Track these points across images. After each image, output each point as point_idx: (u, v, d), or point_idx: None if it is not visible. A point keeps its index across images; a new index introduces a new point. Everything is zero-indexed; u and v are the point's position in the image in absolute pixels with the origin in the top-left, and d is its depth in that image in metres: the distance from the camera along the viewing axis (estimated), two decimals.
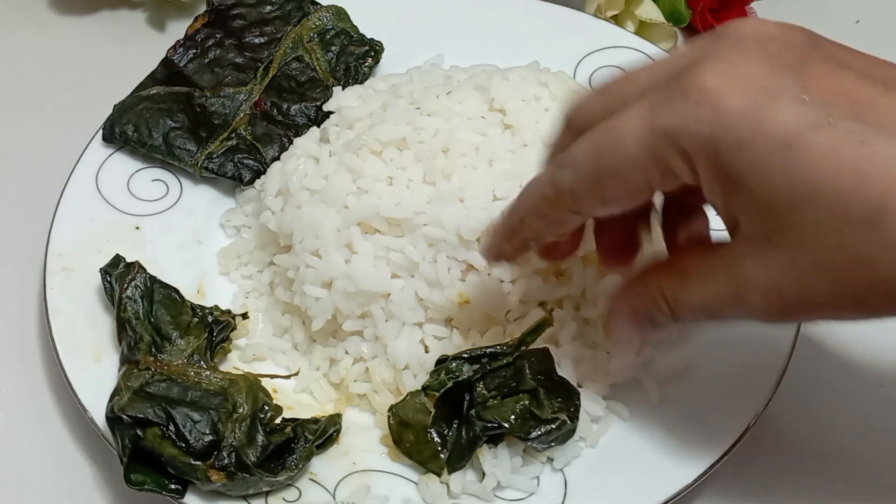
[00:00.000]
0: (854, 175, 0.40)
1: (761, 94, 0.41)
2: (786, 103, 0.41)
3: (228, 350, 0.62)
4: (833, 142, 0.40)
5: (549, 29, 0.76)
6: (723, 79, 0.42)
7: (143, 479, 0.55)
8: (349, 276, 0.59)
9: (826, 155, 0.40)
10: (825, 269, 0.42)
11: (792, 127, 0.41)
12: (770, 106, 0.41)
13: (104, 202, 0.67)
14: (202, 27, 0.74)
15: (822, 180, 0.40)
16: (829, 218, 0.41)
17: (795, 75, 0.42)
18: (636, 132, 0.44)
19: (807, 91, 0.41)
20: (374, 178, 0.61)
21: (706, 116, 0.42)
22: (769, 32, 0.43)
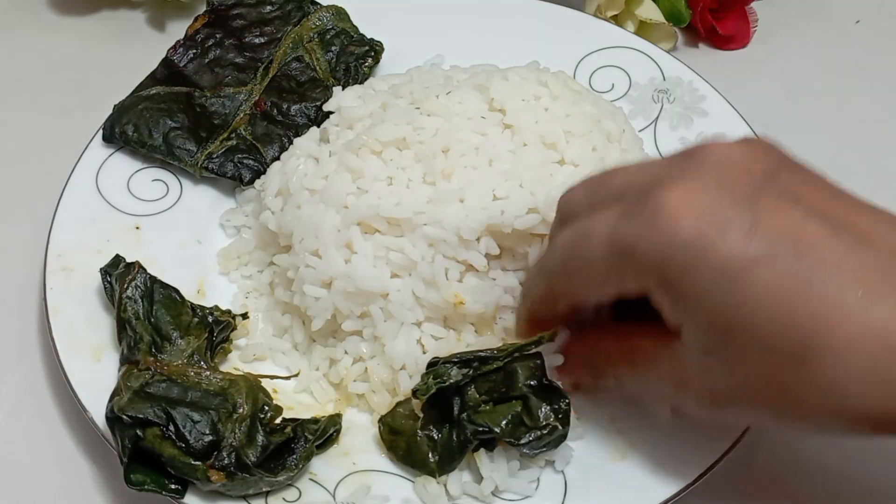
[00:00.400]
0: (787, 313, 0.43)
1: (711, 223, 0.44)
2: (733, 236, 0.44)
3: (229, 350, 0.62)
4: (773, 279, 0.43)
5: (549, 29, 0.76)
6: (679, 204, 0.45)
7: (143, 479, 0.55)
8: (349, 276, 0.59)
9: (764, 290, 0.43)
10: (753, 387, 0.46)
11: (736, 259, 0.43)
12: (717, 237, 0.44)
13: (104, 202, 0.67)
14: (202, 27, 0.74)
15: (757, 313, 0.44)
16: (759, 348, 0.44)
17: (747, 208, 0.44)
18: (601, 239, 0.48)
19: (755, 224, 0.44)
20: (374, 178, 0.61)
21: (658, 239, 0.45)
22: (733, 157, 0.46)
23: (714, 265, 0.44)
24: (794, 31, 0.85)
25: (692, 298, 0.45)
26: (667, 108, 0.73)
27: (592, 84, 0.74)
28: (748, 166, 0.46)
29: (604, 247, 0.48)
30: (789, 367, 0.44)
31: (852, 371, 0.42)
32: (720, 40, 0.83)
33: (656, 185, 0.46)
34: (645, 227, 0.46)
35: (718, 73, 0.75)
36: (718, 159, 0.46)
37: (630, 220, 0.47)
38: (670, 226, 0.44)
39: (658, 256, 0.45)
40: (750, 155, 0.46)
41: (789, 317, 0.43)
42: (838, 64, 0.83)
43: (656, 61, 0.75)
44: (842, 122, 0.79)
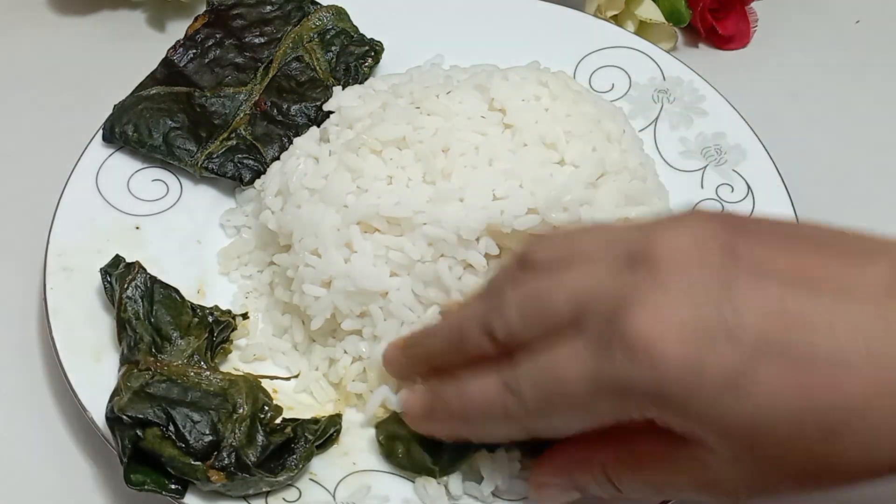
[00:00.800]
0: (801, 397, 0.41)
1: (696, 341, 0.42)
2: (721, 345, 0.42)
3: (229, 351, 0.62)
4: (774, 374, 0.41)
5: (549, 29, 0.76)
6: (656, 327, 0.42)
7: (143, 479, 0.55)
8: (348, 276, 0.59)
9: (770, 387, 0.41)
10: (790, 475, 0.44)
11: (732, 368, 0.41)
12: (707, 351, 0.42)
13: (104, 202, 0.67)
14: (202, 27, 0.74)
15: (773, 412, 0.42)
16: (787, 442, 0.42)
17: (723, 306, 0.42)
18: (580, 380, 0.45)
19: (738, 323, 0.42)
20: (374, 178, 0.61)
21: (649, 372, 0.43)
22: (685, 251, 0.43)
23: (713, 381, 0.42)
24: (794, 31, 0.85)
25: (703, 417, 0.43)
26: (667, 108, 0.73)
27: (592, 84, 0.74)
28: (704, 256, 0.43)
29: (587, 391, 0.45)
30: (820, 447, 0.42)
31: (880, 430, 0.41)
32: (720, 40, 0.83)
33: (622, 307, 0.43)
34: (630, 363, 0.43)
35: (718, 73, 0.75)
36: (674, 260, 0.43)
37: (610, 358, 0.44)
38: (657, 356, 0.42)
39: (655, 390, 0.43)
40: (700, 241, 0.44)
41: (804, 401, 0.41)
42: (838, 64, 0.83)
43: (656, 61, 0.75)
44: (842, 122, 0.79)
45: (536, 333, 0.48)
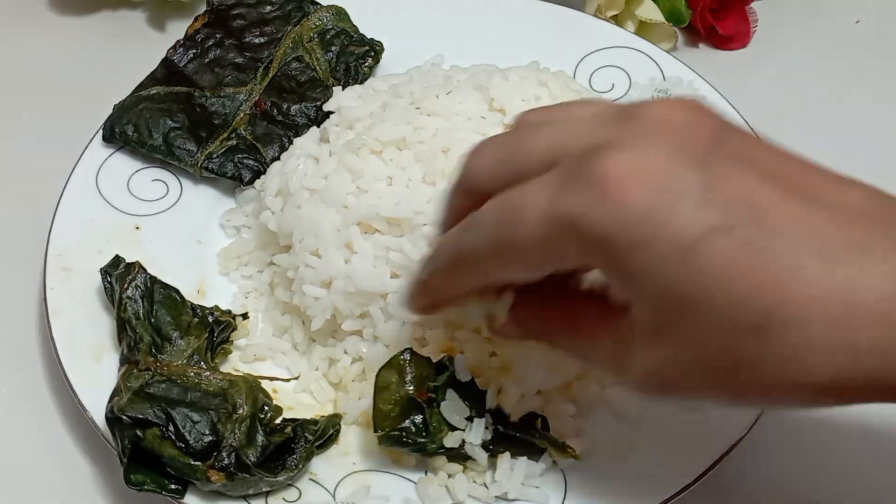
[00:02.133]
0: (746, 284, 0.40)
1: (663, 193, 0.41)
2: (686, 206, 0.41)
3: (229, 351, 0.62)
4: (729, 249, 0.40)
5: (549, 29, 0.76)
6: (627, 170, 0.41)
7: (143, 479, 0.55)
8: (349, 276, 0.59)
9: (721, 262, 0.40)
10: (706, 366, 0.43)
11: (690, 232, 0.40)
12: (670, 209, 0.41)
13: (104, 202, 0.67)
14: (202, 27, 0.74)
15: (714, 287, 0.40)
16: (717, 323, 0.41)
17: (699, 173, 0.41)
18: (538, 212, 0.43)
19: (709, 192, 0.41)
20: (374, 178, 0.61)
21: (606, 211, 0.41)
22: (677, 120, 0.43)
23: (668, 239, 0.40)
24: (794, 31, 0.85)
25: (644, 275, 0.42)
26: None
27: (592, 84, 0.74)
28: (694, 130, 0.42)
29: (541, 222, 0.43)
30: (748, 340, 0.41)
31: (814, 339, 0.40)
32: (720, 40, 0.83)
33: (597, 150, 0.42)
34: (590, 199, 0.41)
35: (718, 73, 0.75)
36: (663, 122, 0.42)
37: (572, 192, 0.42)
38: (619, 197, 0.41)
39: (606, 231, 0.41)
40: (694, 119, 0.43)
41: (748, 286, 0.40)
42: (838, 64, 0.83)
43: (656, 61, 0.75)
44: (842, 122, 0.79)
45: (505, 180, 0.46)
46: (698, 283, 0.41)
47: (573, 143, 0.44)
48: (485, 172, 0.48)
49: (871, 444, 0.62)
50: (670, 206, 0.40)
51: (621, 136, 0.43)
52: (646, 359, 0.44)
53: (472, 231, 0.47)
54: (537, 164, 0.45)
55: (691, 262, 0.40)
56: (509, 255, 0.46)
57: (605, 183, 0.41)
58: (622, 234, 0.41)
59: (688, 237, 0.40)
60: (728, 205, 0.41)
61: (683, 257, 0.40)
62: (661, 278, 0.41)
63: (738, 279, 0.40)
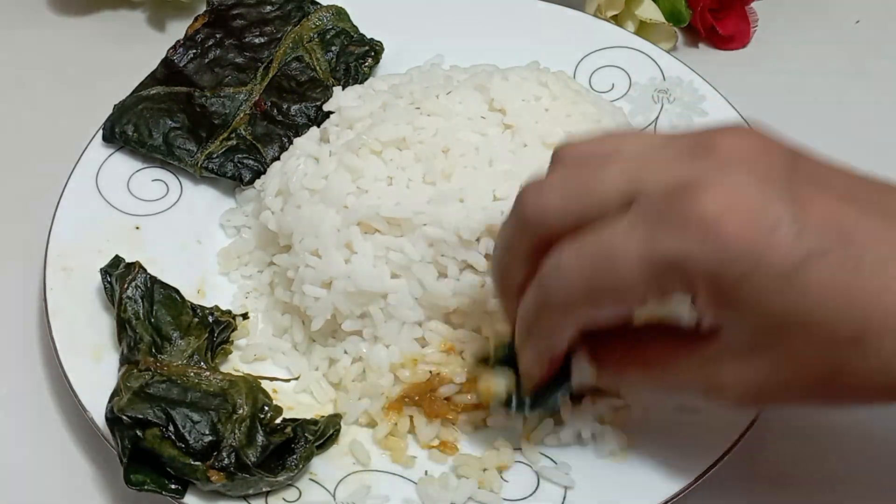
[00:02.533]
0: (844, 299, 0.43)
1: (760, 226, 0.43)
2: (783, 236, 0.43)
3: (229, 351, 0.62)
4: (827, 271, 0.43)
5: (549, 29, 0.76)
6: (722, 208, 0.43)
7: (143, 479, 0.55)
8: (349, 276, 0.59)
9: (821, 283, 0.43)
10: (804, 377, 0.46)
11: (790, 259, 0.43)
12: (769, 240, 0.43)
13: (104, 202, 0.67)
14: (202, 27, 0.74)
15: (816, 306, 0.44)
16: (817, 338, 0.44)
17: (788, 201, 0.44)
18: (635, 256, 0.45)
19: (800, 219, 0.43)
20: (374, 178, 0.61)
21: (711, 249, 0.43)
22: (751, 151, 0.45)
23: (771, 267, 0.43)
24: (794, 31, 0.85)
25: (749, 302, 0.44)
26: (667, 108, 0.73)
27: (592, 84, 0.74)
28: (770, 160, 0.45)
29: (642, 265, 0.45)
30: (845, 350, 0.44)
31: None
32: (720, 40, 0.83)
33: (685, 189, 0.44)
34: (692, 239, 0.43)
35: (718, 73, 0.75)
36: (739, 155, 0.45)
37: (671, 233, 0.44)
38: (720, 235, 0.43)
39: (714, 267, 0.44)
40: (765, 147, 0.45)
41: (846, 301, 0.43)
42: (838, 64, 0.83)
43: (656, 61, 0.75)
44: (842, 122, 0.79)
45: (578, 219, 0.47)
46: (800, 305, 0.44)
47: (651, 180, 0.45)
48: (553, 212, 0.48)
49: (871, 444, 0.62)
50: (769, 238, 0.43)
51: (703, 172, 0.44)
52: (741, 375, 0.47)
53: (557, 280, 0.48)
54: (614, 202, 0.46)
55: (794, 286, 0.43)
56: (605, 300, 0.47)
57: (705, 223, 0.43)
58: (728, 268, 0.43)
59: (789, 264, 0.43)
60: (820, 229, 0.43)
61: (786, 282, 0.43)
62: (763, 303, 0.44)
63: (837, 296, 0.43)
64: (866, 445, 0.62)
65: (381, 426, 0.59)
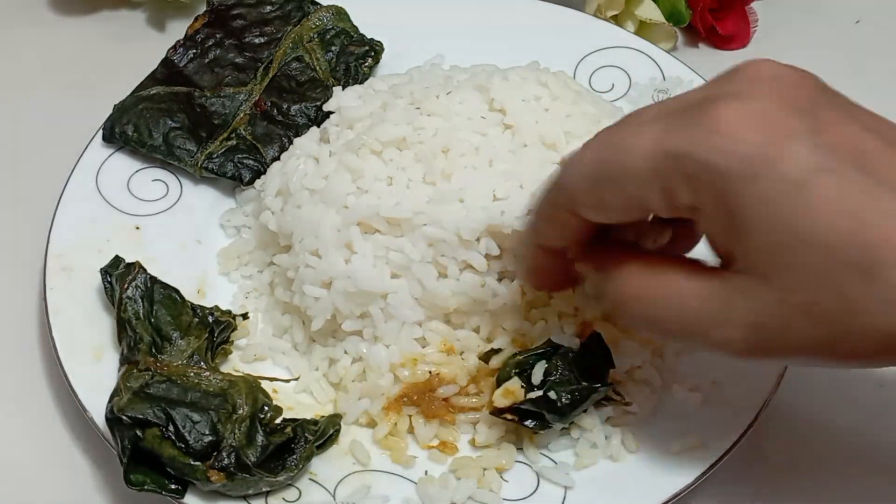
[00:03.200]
0: (853, 223, 0.41)
1: (776, 132, 0.42)
2: (799, 145, 0.42)
3: (229, 351, 0.62)
4: (838, 188, 0.42)
5: (549, 29, 0.76)
6: (740, 113, 0.43)
7: (143, 479, 0.55)
8: (349, 276, 0.59)
9: (831, 200, 0.42)
10: (812, 311, 0.43)
11: (803, 168, 0.42)
12: (784, 145, 0.42)
13: (104, 202, 0.67)
14: (202, 27, 0.74)
15: (823, 223, 0.42)
16: (825, 262, 0.42)
17: (809, 119, 0.43)
18: (645, 147, 0.44)
19: (818, 136, 0.42)
20: (374, 178, 0.61)
21: (720, 146, 0.42)
22: (784, 73, 0.45)
23: (780, 173, 0.42)
24: (794, 31, 0.85)
25: (755, 209, 0.42)
26: None
27: (592, 84, 0.74)
28: (800, 83, 0.44)
29: (648, 155, 0.44)
30: (854, 279, 0.42)
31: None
32: (720, 40, 0.83)
33: (706, 100, 0.44)
34: (705, 134, 0.43)
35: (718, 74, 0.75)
36: (770, 75, 0.44)
37: (685, 129, 0.43)
38: (735, 132, 0.42)
39: (721, 164, 0.42)
40: (798, 74, 0.45)
41: (856, 226, 0.41)
42: (838, 64, 0.83)
43: (656, 61, 0.75)
44: None
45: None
46: (807, 219, 0.42)
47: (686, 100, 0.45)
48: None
49: (871, 443, 0.62)
50: (784, 143, 0.42)
51: (728, 87, 0.44)
52: (749, 311, 0.44)
53: (572, 167, 0.48)
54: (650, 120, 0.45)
55: (802, 198, 0.42)
56: (607, 189, 0.46)
57: (719, 122, 0.42)
58: (736, 166, 0.42)
59: (800, 173, 0.41)
60: (837, 148, 0.42)
61: (795, 191, 0.42)
62: (770, 213, 0.42)
63: (847, 216, 0.41)
64: (866, 446, 0.62)
65: (381, 426, 0.59)
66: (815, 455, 0.61)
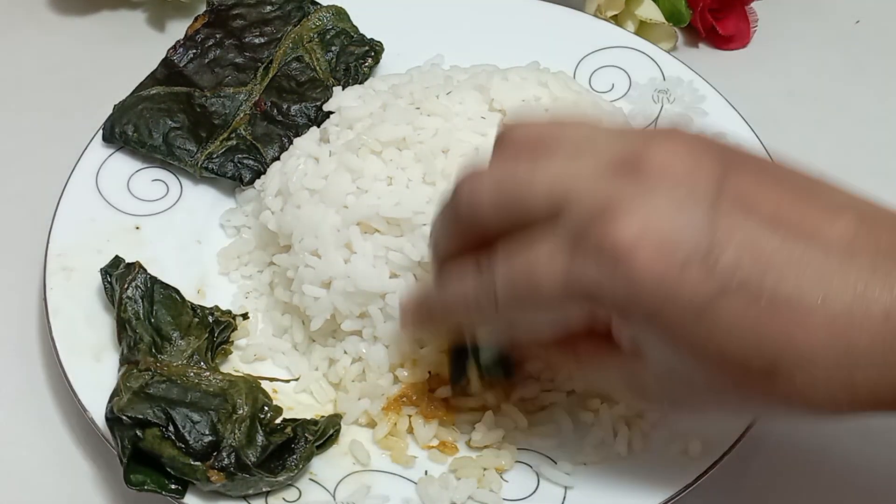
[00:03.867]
0: (756, 337, 0.43)
1: (673, 260, 0.42)
2: (695, 272, 0.42)
3: (229, 351, 0.62)
4: (739, 307, 0.42)
5: (549, 29, 0.76)
6: (635, 237, 0.43)
7: (143, 479, 0.55)
8: (348, 276, 0.59)
9: (732, 321, 0.43)
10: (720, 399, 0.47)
11: (701, 295, 0.42)
12: (680, 276, 0.42)
13: (104, 202, 0.67)
14: (202, 27, 0.74)
15: (727, 344, 0.43)
16: (730, 372, 0.44)
17: (707, 230, 0.43)
18: (553, 279, 0.45)
19: (716, 251, 0.42)
20: (374, 178, 0.61)
21: (621, 284, 0.43)
22: (678, 170, 0.44)
23: (679, 306, 0.43)
24: (794, 31, 0.85)
25: (658, 340, 0.45)
26: (667, 108, 0.73)
27: (592, 84, 0.74)
28: (696, 178, 0.44)
29: (557, 288, 0.45)
30: (758, 381, 0.44)
31: (818, 379, 0.42)
32: (720, 40, 0.83)
33: (604, 213, 0.43)
34: (604, 272, 0.43)
35: (718, 73, 0.75)
36: (665, 175, 0.44)
37: (585, 262, 0.44)
38: (630, 270, 0.43)
39: (623, 304, 0.44)
40: (696, 163, 0.44)
41: (758, 339, 0.43)
42: (838, 64, 0.83)
43: (656, 61, 0.75)
44: (842, 122, 0.79)
45: (510, 222, 0.47)
46: (711, 341, 0.43)
47: (578, 197, 0.45)
48: (487, 213, 0.48)
49: (871, 444, 0.62)
50: (679, 273, 0.42)
51: (626, 193, 0.44)
52: (661, 390, 0.48)
53: (482, 288, 0.49)
54: (542, 210, 0.46)
55: (704, 323, 0.43)
56: (529, 314, 0.48)
57: (616, 253, 0.43)
58: (637, 306, 0.44)
59: (699, 301, 0.43)
60: (733, 261, 0.42)
61: (697, 319, 0.43)
62: (676, 339, 0.44)
63: (748, 333, 0.43)
64: (864, 446, 0.62)
65: (381, 426, 0.59)
66: (816, 455, 0.61)
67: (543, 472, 0.57)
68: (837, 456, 0.61)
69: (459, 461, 0.58)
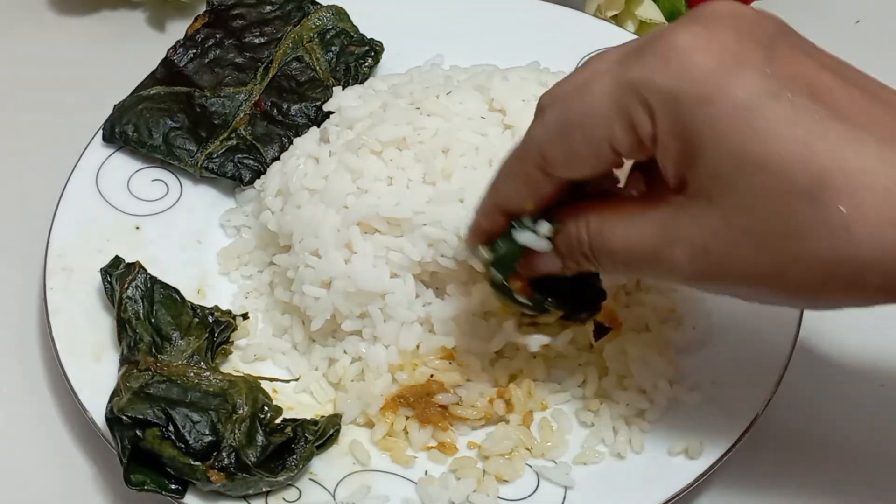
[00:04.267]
0: (802, 148, 0.41)
1: (730, 59, 0.43)
2: (751, 71, 0.42)
3: (229, 351, 0.62)
4: (788, 114, 0.42)
5: (549, 29, 0.76)
6: (694, 40, 0.43)
7: (143, 479, 0.55)
8: (348, 276, 0.59)
9: (780, 124, 0.42)
10: (757, 235, 0.43)
11: (753, 93, 0.42)
12: (736, 70, 0.42)
13: (104, 202, 0.67)
14: (202, 27, 0.74)
15: (772, 148, 0.42)
16: (772, 185, 0.42)
17: (764, 52, 0.43)
18: (604, 84, 0.45)
19: (771, 66, 0.43)
20: (374, 178, 0.61)
21: (673, 71, 0.43)
22: (744, 13, 0.45)
23: (731, 96, 0.42)
24: None
25: (706, 134, 0.43)
26: None
27: None
28: (760, 21, 0.45)
29: (607, 91, 0.45)
30: (800, 204, 0.42)
31: (865, 209, 0.41)
32: None
33: (664, 31, 0.44)
34: (659, 62, 0.43)
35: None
36: (730, 13, 0.44)
37: (640, 60, 0.44)
38: (688, 58, 0.43)
39: (673, 89, 0.43)
40: (761, 13, 0.45)
41: (804, 152, 0.41)
42: None
43: None
44: None
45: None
46: (756, 143, 0.42)
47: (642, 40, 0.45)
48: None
49: (872, 442, 0.62)
50: (736, 69, 0.42)
51: (689, 20, 0.44)
52: (695, 233, 0.45)
53: (537, 122, 0.48)
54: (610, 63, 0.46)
55: (752, 121, 0.42)
56: (574, 135, 0.46)
57: (672, 49, 0.43)
58: (688, 90, 0.43)
59: (751, 97, 0.42)
60: (789, 78, 0.42)
61: (745, 115, 0.42)
62: (720, 136, 0.42)
63: (795, 143, 0.41)
64: (864, 445, 0.62)
65: (378, 426, 0.59)
66: (816, 455, 0.61)
67: (543, 472, 0.57)
68: (839, 455, 0.61)
69: (459, 461, 0.58)
